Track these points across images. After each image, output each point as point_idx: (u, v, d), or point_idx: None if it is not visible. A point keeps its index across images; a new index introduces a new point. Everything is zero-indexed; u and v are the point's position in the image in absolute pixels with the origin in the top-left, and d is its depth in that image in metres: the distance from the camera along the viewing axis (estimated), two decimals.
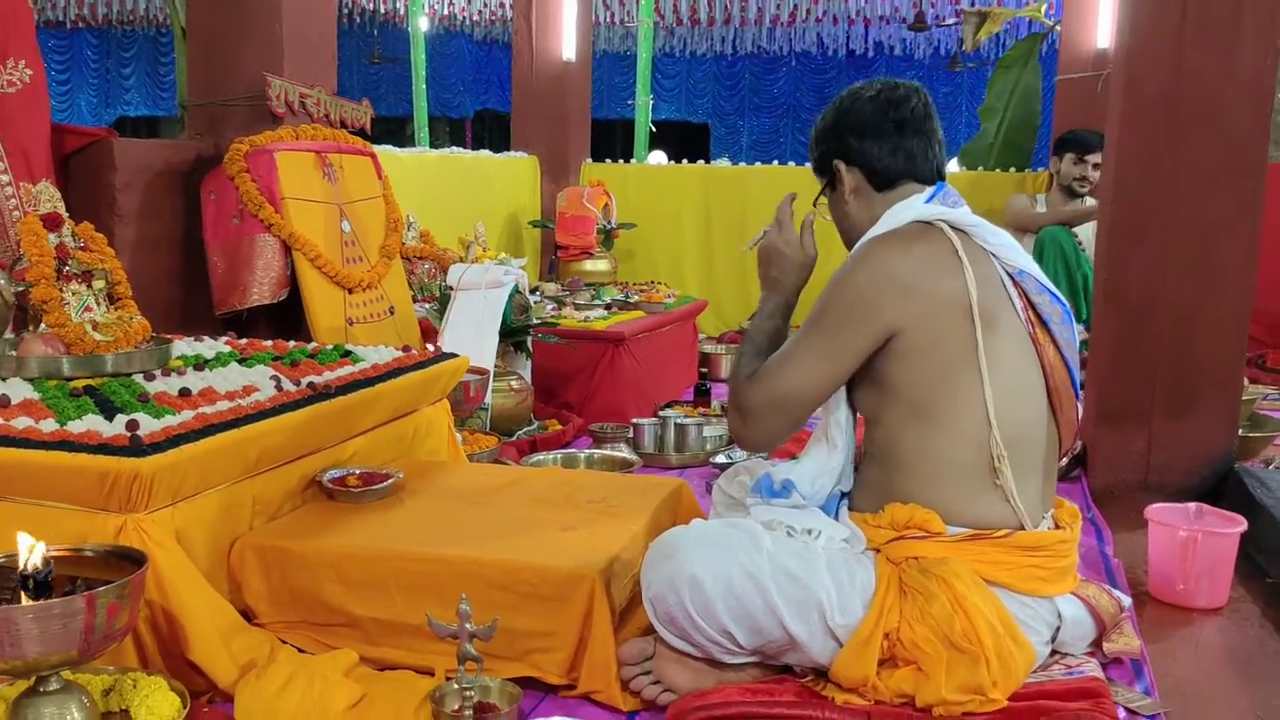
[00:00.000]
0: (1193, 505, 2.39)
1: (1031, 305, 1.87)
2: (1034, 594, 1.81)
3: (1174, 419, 3.03)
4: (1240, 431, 3.13)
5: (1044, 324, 1.87)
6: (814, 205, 2.09)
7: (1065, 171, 4.97)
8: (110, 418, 1.95)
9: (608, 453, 3.29)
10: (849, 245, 2.05)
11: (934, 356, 1.79)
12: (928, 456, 1.80)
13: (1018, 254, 1.90)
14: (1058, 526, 1.90)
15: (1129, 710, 1.80)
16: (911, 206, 1.92)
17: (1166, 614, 2.28)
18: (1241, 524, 2.30)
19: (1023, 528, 1.82)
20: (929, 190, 1.95)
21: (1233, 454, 3.02)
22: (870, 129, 1.96)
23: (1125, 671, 1.95)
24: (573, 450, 3.33)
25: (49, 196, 2.46)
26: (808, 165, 2.14)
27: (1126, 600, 2.01)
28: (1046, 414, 1.88)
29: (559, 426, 3.61)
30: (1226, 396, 3.03)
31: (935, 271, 1.82)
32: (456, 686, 1.74)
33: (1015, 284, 1.86)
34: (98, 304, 2.46)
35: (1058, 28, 6.03)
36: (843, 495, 1.97)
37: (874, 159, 1.96)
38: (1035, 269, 1.92)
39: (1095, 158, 4.84)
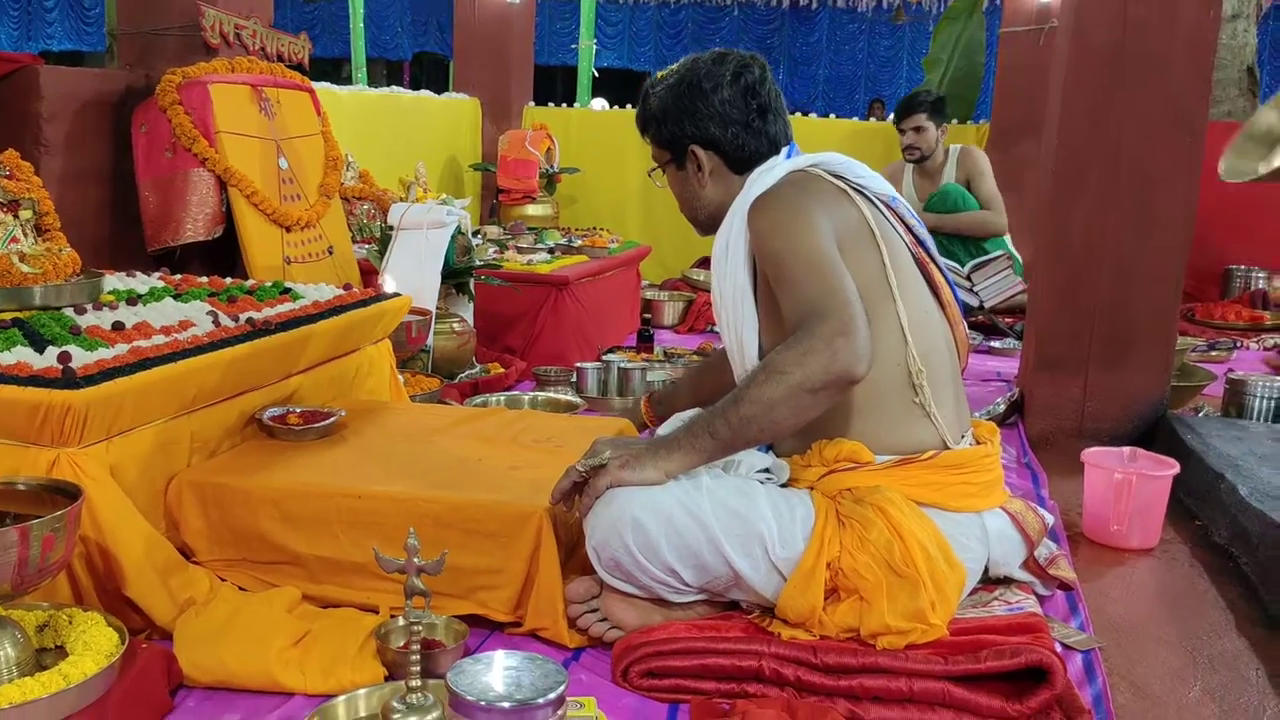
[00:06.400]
0: (1127, 449, 2.44)
1: (909, 228, 1.95)
2: (965, 510, 1.84)
3: (1109, 367, 3.09)
4: (1171, 381, 3.20)
5: (922, 244, 1.95)
6: (649, 175, 2.14)
7: None
8: (40, 350, 1.88)
9: (552, 395, 3.27)
10: (691, 216, 2.09)
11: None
12: None
13: (885, 184, 1.98)
14: (978, 443, 1.93)
15: (1065, 645, 1.84)
16: (777, 166, 1.96)
17: (1101, 554, 2.33)
18: (1174, 467, 2.35)
19: (946, 446, 1.85)
20: (784, 151, 2.00)
21: (1165, 402, 3.09)
22: (734, 117, 1.97)
23: (1061, 608, 2.00)
24: (516, 393, 3.30)
25: None
26: None
27: (1050, 518, 2.05)
28: (946, 330, 1.94)
29: (501, 370, 3.58)
30: (1160, 346, 3.09)
31: (832, 202, 1.86)
32: (403, 623, 1.72)
33: (891, 210, 1.93)
34: (25, 235, 2.38)
35: None
36: (768, 446, 1.98)
37: (739, 146, 1.98)
38: (902, 198, 2.00)
39: (910, 121, 4.87)
